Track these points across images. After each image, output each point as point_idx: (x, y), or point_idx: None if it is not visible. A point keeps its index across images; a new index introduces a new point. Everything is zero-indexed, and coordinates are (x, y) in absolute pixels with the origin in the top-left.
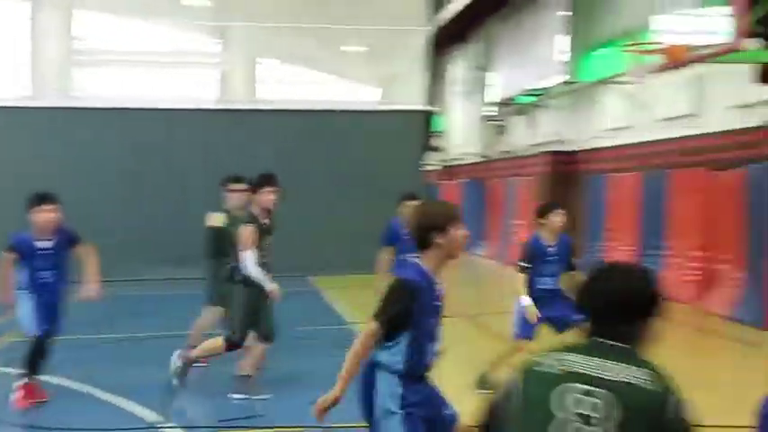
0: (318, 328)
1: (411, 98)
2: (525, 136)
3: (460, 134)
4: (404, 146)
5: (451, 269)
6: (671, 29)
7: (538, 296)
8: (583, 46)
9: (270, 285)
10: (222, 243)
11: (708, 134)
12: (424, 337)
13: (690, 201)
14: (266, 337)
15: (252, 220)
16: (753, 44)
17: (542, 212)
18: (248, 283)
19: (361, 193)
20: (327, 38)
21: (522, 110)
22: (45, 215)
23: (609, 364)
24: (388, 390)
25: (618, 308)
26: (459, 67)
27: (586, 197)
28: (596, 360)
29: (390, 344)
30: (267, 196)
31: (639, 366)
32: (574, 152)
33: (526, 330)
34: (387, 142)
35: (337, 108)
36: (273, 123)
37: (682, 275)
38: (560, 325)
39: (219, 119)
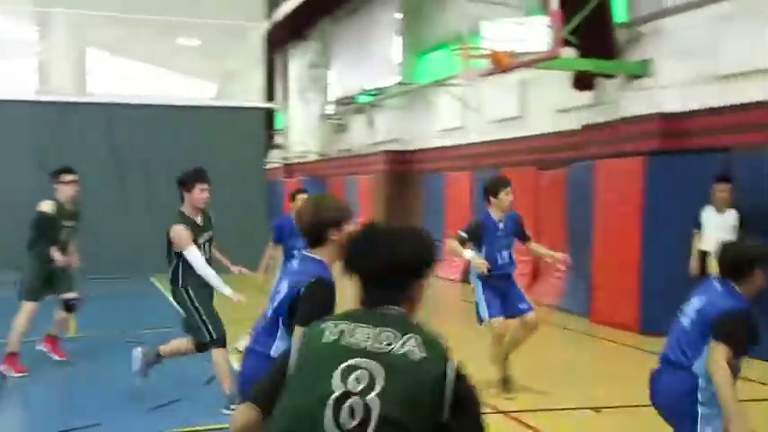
0: (160, 331)
1: (250, 95)
2: (364, 135)
3: (301, 132)
4: (245, 143)
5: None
6: (496, 35)
7: (493, 284)
8: (416, 48)
9: (225, 289)
10: (49, 231)
11: (533, 136)
12: None
13: (519, 198)
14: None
15: (182, 219)
16: (568, 53)
17: (494, 190)
18: (192, 283)
19: None
20: (162, 30)
21: (361, 109)
22: None
23: (380, 333)
24: None
25: (390, 271)
26: (298, 65)
27: (424, 195)
28: (368, 329)
29: None
30: (200, 195)
31: (412, 333)
32: (410, 151)
33: (493, 308)
34: (227, 139)
35: (173, 103)
36: (105, 117)
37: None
38: (509, 316)
39: (45, 111)
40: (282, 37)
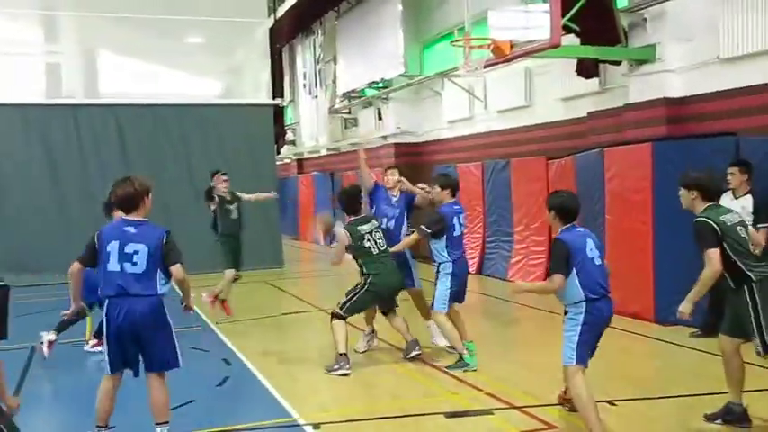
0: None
1: (258, 92)
2: (373, 128)
3: (310, 127)
4: (255, 140)
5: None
6: (501, 24)
7: None
8: (420, 39)
9: None
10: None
11: (541, 125)
12: None
13: (530, 188)
14: None
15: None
16: (570, 40)
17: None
18: None
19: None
20: (167, 29)
21: (369, 102)
22: None
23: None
24: None
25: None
26: (305, 60)
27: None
28: (133, 228)
29: None
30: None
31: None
32: (420, 143)
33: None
34: (236, 136)
35: (181, 102)
36: (114, 118)
37: (528, 259)
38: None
39: (54, 114)
40: (287, 32)
